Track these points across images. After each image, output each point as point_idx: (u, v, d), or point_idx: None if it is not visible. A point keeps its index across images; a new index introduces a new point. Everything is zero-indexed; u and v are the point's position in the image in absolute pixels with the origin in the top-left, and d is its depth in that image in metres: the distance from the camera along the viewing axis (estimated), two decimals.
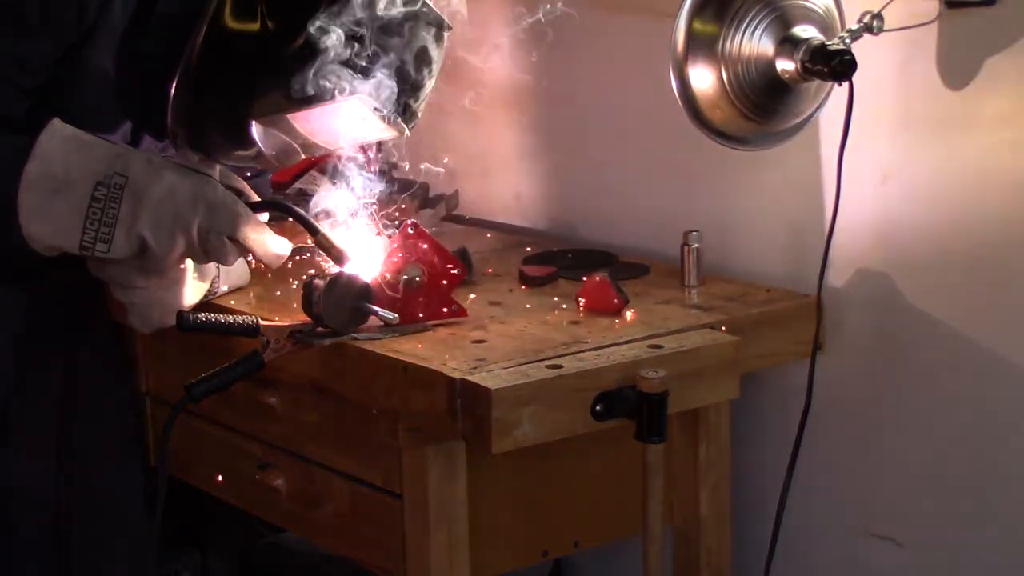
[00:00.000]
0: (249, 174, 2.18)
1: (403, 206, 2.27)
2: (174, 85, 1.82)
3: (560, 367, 1.75)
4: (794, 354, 2.05)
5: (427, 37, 1.81)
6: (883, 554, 2.11)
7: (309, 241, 1.91)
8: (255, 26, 1.79)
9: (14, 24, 1.86)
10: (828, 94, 1.98)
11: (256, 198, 1.93)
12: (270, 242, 1.87)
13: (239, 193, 1.89)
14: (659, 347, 1.83)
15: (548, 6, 2.48)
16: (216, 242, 1.83)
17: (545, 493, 2.00)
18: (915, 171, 2.01)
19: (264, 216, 1.90)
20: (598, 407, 1.75)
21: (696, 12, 1.91)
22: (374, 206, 1.91)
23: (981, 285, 1.96)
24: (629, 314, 1.96)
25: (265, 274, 2.10)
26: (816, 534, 2.19)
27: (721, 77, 1.91)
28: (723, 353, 1.86)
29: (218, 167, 1.90)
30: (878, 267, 2.07)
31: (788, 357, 2.06)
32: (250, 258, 1.95)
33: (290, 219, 1.89)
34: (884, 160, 2.03)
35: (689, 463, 2.08)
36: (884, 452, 2.10)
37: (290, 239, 1.92)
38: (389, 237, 1.90)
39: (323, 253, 1.88)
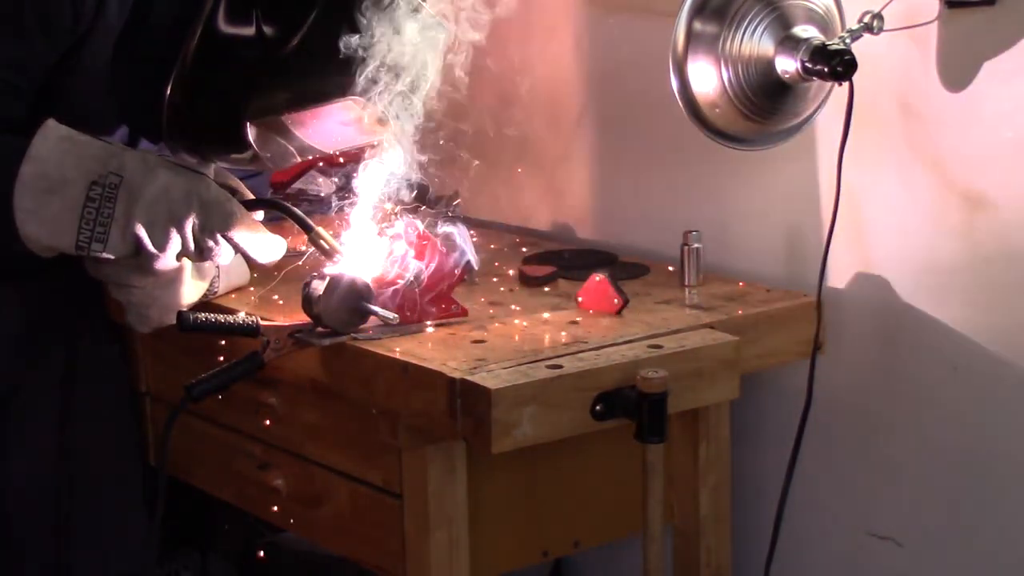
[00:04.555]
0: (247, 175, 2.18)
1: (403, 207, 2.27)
2: (169, 88, 1.82)
3: (560, 367, 1.75)
4: (794, 354, 2.05)
5: (423, 38, 1.80)
6: (883, 554, 2.11)
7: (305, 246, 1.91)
8: (250, 28, 1.79)
9: (10, 27, 1.86)
10: (828, 94, 1.98)
11: (251, 196, 1.93)
12: (264, 241, 1.87)
13: (233, 191, 1.88)
14: (659, 347, 1.83)
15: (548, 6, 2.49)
16: (209, 240, 1.83)
17: (545, 493, 2.00)
18: (915, 171, 2.01)
19: (259, 215, 1.90)
20: (598, 407, 1.75)
21: (696, 12, 1.91)
22: (376, 207, 1.91)
23: (981, 286, 1.96)
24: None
25: (267, 274, 2.10)
26: (816, 534, 2.18)
27: (721, 77, 1.91)
28: (723, 353, 1.86)
29: (213, 165, 1.90)
30: (878, 267, 2.07)
31: (788, 357, 2.06)
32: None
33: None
34: (884, 160, 2.03)
35: (689, 463, 2.08)
36: (884, 452, 2.10)
37: (287, 238, 1.92)
38: (389, 237, 1.90)
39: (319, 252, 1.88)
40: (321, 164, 2.52)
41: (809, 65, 1.87)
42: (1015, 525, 1.97)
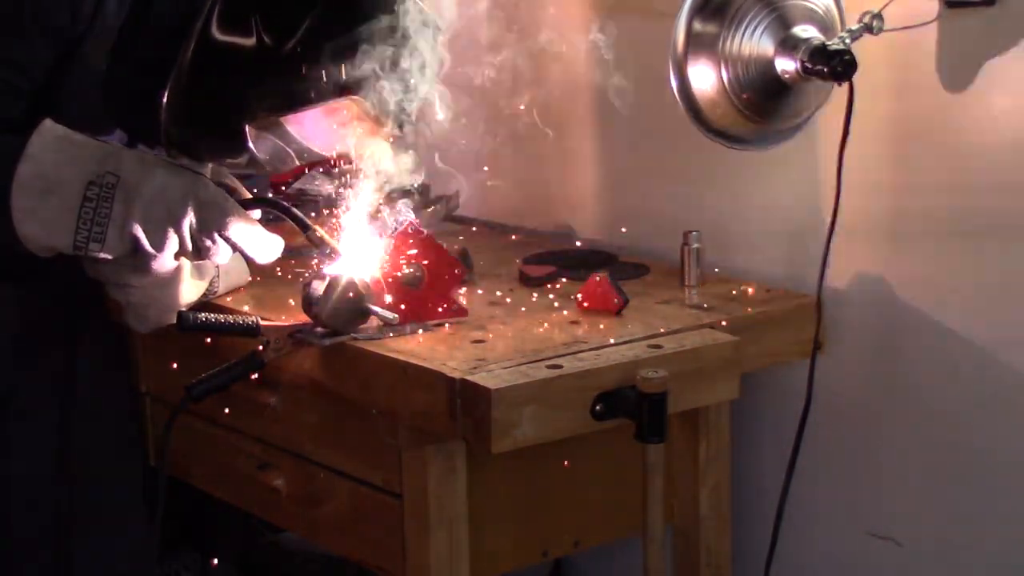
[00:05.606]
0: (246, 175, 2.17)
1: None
2: (167, 91, 1.82)
3: (560, 367, 1.75)
4: (794, 354, 2.05)
5: (421, 38, 1.80)
6: (883, 554, 2.11)
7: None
8: (247, 31, 1.78)
9: (10, 27, 1.86)
10: (828, 94, 1.98)
11: (248, 195, 1.93)
12: (261, 239, 1.87)
13: (231, 191, 1.88)
14: (659, 347, 1.83)
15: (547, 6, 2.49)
16: (207, 240, 1.83)
17: (545, 493, 2.00)
18: (915, 171, 2.01)
19: (257, 213, 1.90)
20: (598, 407, 1.75)
21: (696, 12, 1.91)
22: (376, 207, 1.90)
23: (981, 285, 1.96)
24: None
25: (266, 273, 2.10)
26: (816, 534, 2.18)
27: (721, 77, 1.91)
28: (723, 353, 1.86)
29: (210, 165, 1.90)
30: (878, 267, 2.07)
31: (788, 357, 2.06)
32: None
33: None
34: (884, 160, 2.03)
35: (689, 463, 2.08)
36: (884, 452, 2.10)
37: (286, 238, 1.92)
38: (389, 237, 1.90)
39: (316, 250, 1.88)
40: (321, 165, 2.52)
41: (809, 65, 1.87)
42: (1015, 525, 1.97)
